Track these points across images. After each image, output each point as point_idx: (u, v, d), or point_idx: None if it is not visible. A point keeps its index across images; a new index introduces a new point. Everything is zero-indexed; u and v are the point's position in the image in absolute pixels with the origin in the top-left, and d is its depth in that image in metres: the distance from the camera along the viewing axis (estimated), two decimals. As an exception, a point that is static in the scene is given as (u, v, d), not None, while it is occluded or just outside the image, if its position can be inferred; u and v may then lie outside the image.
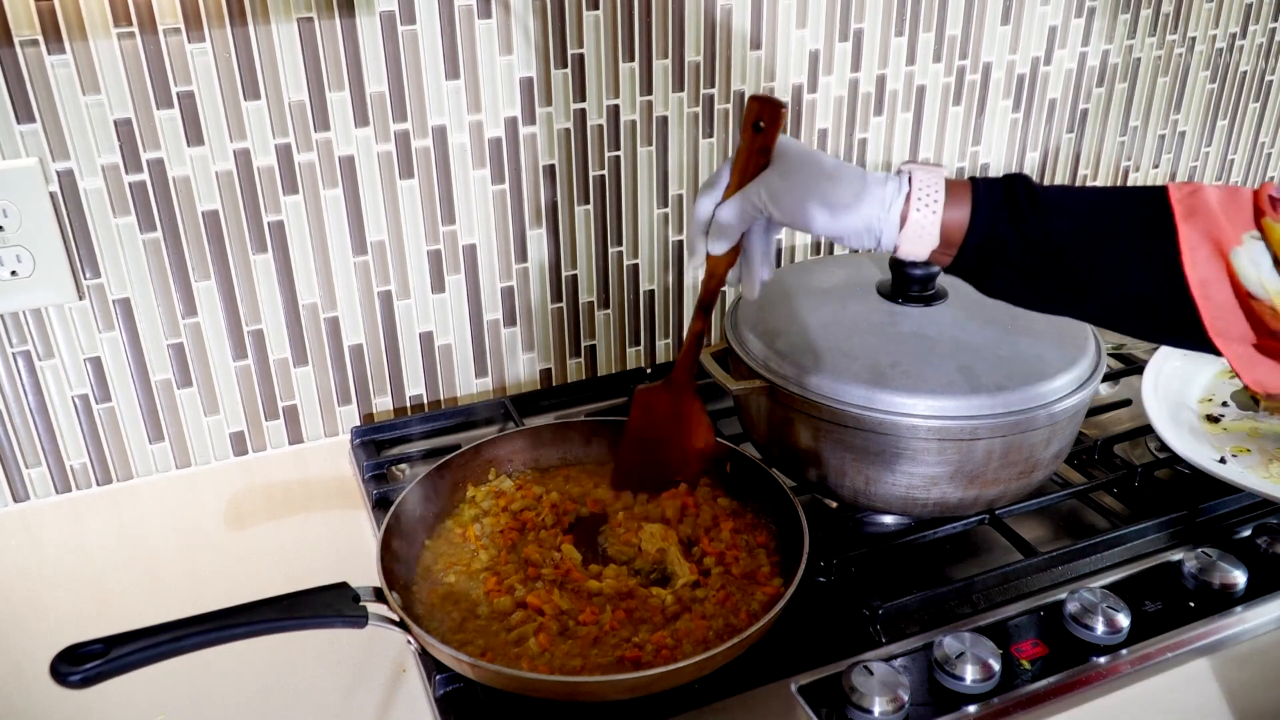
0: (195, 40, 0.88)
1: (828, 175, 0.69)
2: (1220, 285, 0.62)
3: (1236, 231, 0.62)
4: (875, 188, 0.68)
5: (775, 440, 0.89)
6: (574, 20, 1.00)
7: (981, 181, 0.68)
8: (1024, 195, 0.66)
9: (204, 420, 1.02)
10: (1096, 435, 1.02)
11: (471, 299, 1.09)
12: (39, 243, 0.88)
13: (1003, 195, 0.67)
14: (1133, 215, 0.65)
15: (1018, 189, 0.67)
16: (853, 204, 0.68)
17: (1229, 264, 0.61)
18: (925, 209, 0.67)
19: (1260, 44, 1.41)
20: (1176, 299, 0.63)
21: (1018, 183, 0.67)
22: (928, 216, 0.67)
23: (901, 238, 0.68)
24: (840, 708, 0.71)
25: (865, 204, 0.68)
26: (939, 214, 0.67)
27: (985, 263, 0.68)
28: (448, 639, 0.74)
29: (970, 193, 0.67)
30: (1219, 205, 0.62)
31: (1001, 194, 0.67)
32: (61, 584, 0.88)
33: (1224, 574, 0.82)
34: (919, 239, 0.68)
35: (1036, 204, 0.66)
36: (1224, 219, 0.62)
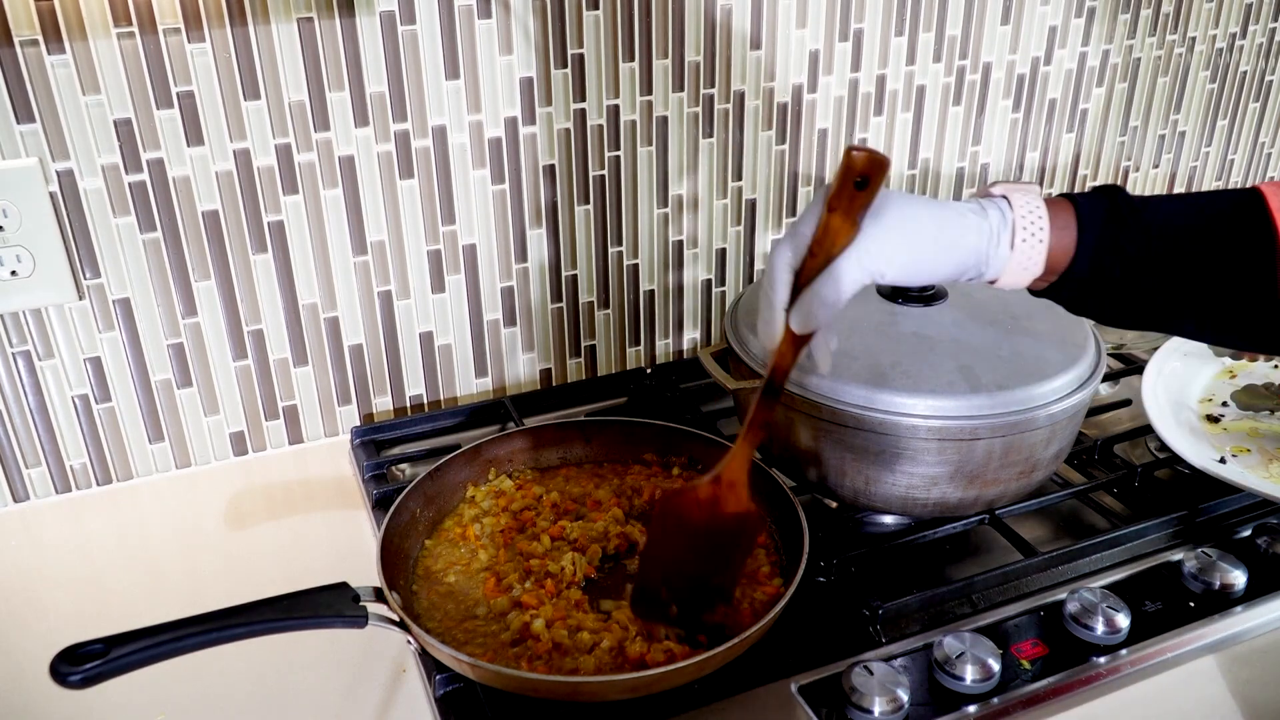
0: (195, 40, 0.88)
1: (932, 223, 0.63)
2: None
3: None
4: (977, 220, 0.64)
5: (775, 440, 0.89)
6: (574, 20, 1.00)
7: (1083, 203, 0.65)
8: (1127, 215, 0.63)
9: (204, 420, 1.02)
10: (1096, 435, 1.02)
11: (471, 299, 1.09)
12: (39, 243, 0.88)
13: (1104, 218, 0.64)
14: (1232, 225, 0.62)
15: (1121, 209, 0.64)
16: (961, 245, 0.63)
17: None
18: (1032, 239, 0.63)
19: (1260, 44, 1.41)
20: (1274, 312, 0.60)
21: (1121, 202, 0.64)
22: (1034, 247, 0.63)
23: (1005, 271, 0.64)
24: (840, 708, 0.71)
25: (971, 242, 0.64)
26: (1045, 243, 0.64)
27: (1084, 289, 0.65)
28: (448, 639, 0.74)
29: (1074, 216, 0.64)
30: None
31: (1103, 217, 0.64)
32: (61, 584, 0.88)
33: (1224, 574, 0.82)
34: (1023, 271, 0.64)
35: (1137, 224, 0.63)
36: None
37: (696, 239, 1.17)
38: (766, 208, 1.19)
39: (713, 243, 1.18)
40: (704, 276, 1.19)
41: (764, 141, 1.15)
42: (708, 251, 1.18)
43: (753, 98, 1.12)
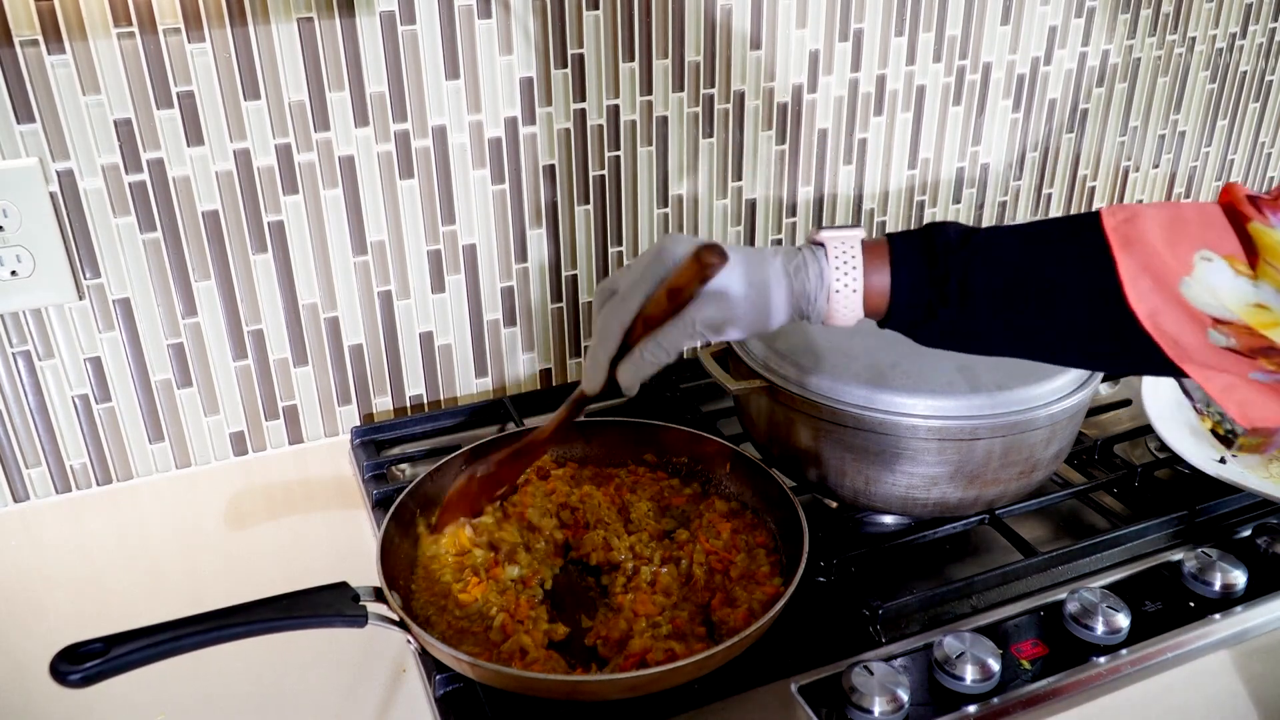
0: (195, 40, 0.88)
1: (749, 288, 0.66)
2: (1171, 313, 0.58)
3: (1183, 259, 0.58)
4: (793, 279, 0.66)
5: (775, 440, 0.89)
6: (574, 20, 1.00)
7: (900, 240, 0.66)
8: (943, 250, 0.64)
9: (204, 420, 1.02)
10: (1096, 435, 1.02)
11: (471, 299, 1.09)
12: (39, 243, 0.88)
13: (920, 254, 0.64)
14: (1066, 250, 0.62)
15: (936, 244, 0.64)
16: (780, 302, 0.66)
17: (1179, 296, 0.58)
18: (845, 289, 0.65)
19: (1260, 44, 1.41)
20: (1131, 332, 0.59)
21: (937, 237, 0.64)
22: (849, 297, 0.65)
23: (829, 317, 0.67)
24: (840, 708, 0.71)
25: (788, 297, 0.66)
26: (859, 287, 0.65)
27: (915, 324, 0.66)
28: (448, 639, 0.74)
29: (888, 260, 0.65)
30: (1160, 233, 0.58)
31: (919, 253, 0.64)
32: (61, 584, 0.88)
33: (1224, 574, 0.82)
34: (846, 315, 0.66)
35: (959, 256, 0.63)
36: (1166, 250, 0.58)
37: (696, 239, 1.17)
38: (766, 208, 1.19)
39: (713, 243, 1.18)
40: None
41: (764, 141, 1.15)
42: (708, 251, 1.18)
43: (753, 98, 1.12)
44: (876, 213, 1.25)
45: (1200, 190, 1.49)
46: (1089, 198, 1.40)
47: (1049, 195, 1.36)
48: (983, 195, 1.31)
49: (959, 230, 0.65)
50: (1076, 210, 1.40)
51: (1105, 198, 1.41)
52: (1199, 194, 1.49)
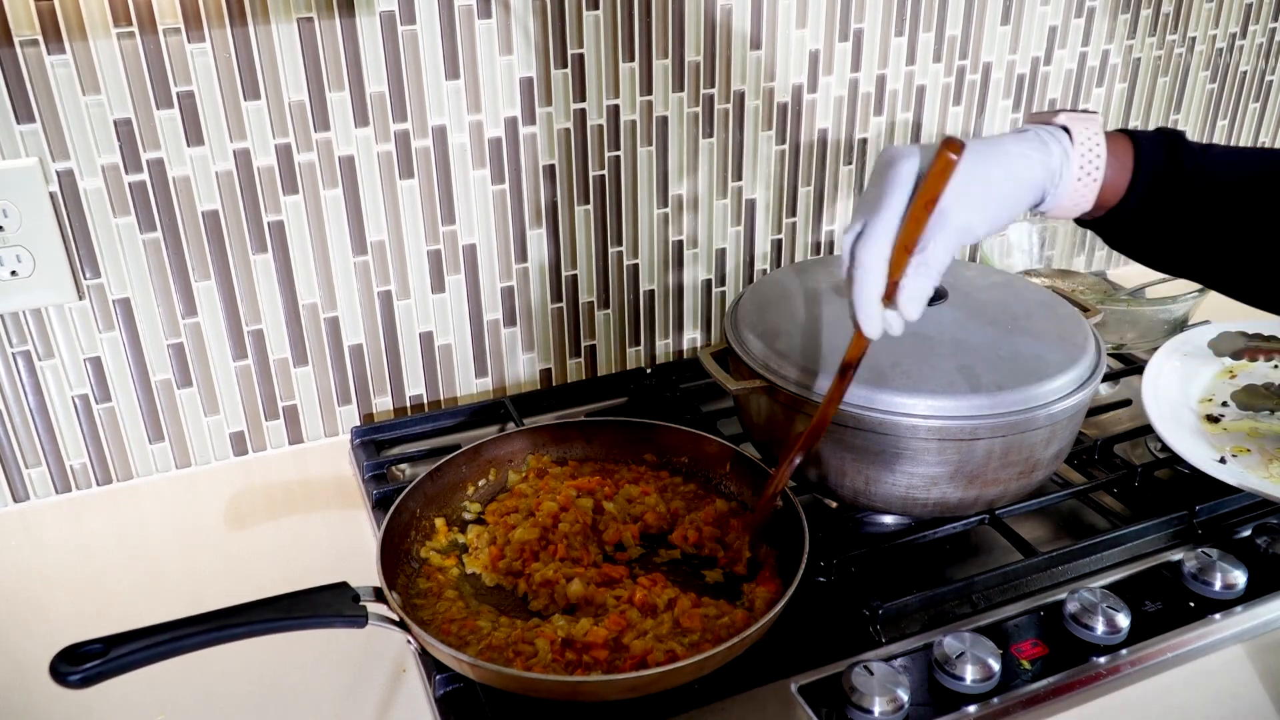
0: (195, 40, 0.88)
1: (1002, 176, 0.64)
2: None
3: None
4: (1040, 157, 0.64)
5: (775, 440, 0.89)
6: (574, 20, 1.00)
7: (1144, 143, 0.64)
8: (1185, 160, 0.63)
9: (204, 420, 1.02)
10: (1096, 435, 1.02)
11: (471, 299, 1.09)
12: (39, 243, 0.88)
13: (1162, 161, 0.63)
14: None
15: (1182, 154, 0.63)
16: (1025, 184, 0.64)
17: None
18: (1087, 177, 0.64)
19: (1260, 44, 1.41)
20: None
21: (1180, 143, 0.63)
22: (1089, 186, 0.64)
23: (1058, 205, 0.65)
24: (840, 708, 0.71)
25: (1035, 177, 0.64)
26: (1099, 181, 0.64)
27: (1129, 228, 0.65)
28: (447, 639, 0.74)
29: (1132, 155, 0.64)
30: None
31: (1162, 159, 0.63)
32: (61, 584, 0.88)
33: (1224, 574, 0.82)
34: (1074, 205, 0.65)
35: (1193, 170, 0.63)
36: None
37: (696, 239, 1.17)
38: (766, 208, 1.19)
39: (713, 243, 1.18)
40: (704, 276, 1.19)
41: (764, 141, 1.15)
42: (708, 251, 1.18)
43: (753, 98, 1.12)
44: (876, 213, 1.25)
45: (1200, 190, 1.49)
46: (1089, 198, 1.40)
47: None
48: (983, 195, 1.31)
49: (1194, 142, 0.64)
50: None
51: (1105, 198, 1.41)
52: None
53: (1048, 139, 0.65)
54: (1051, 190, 0.64)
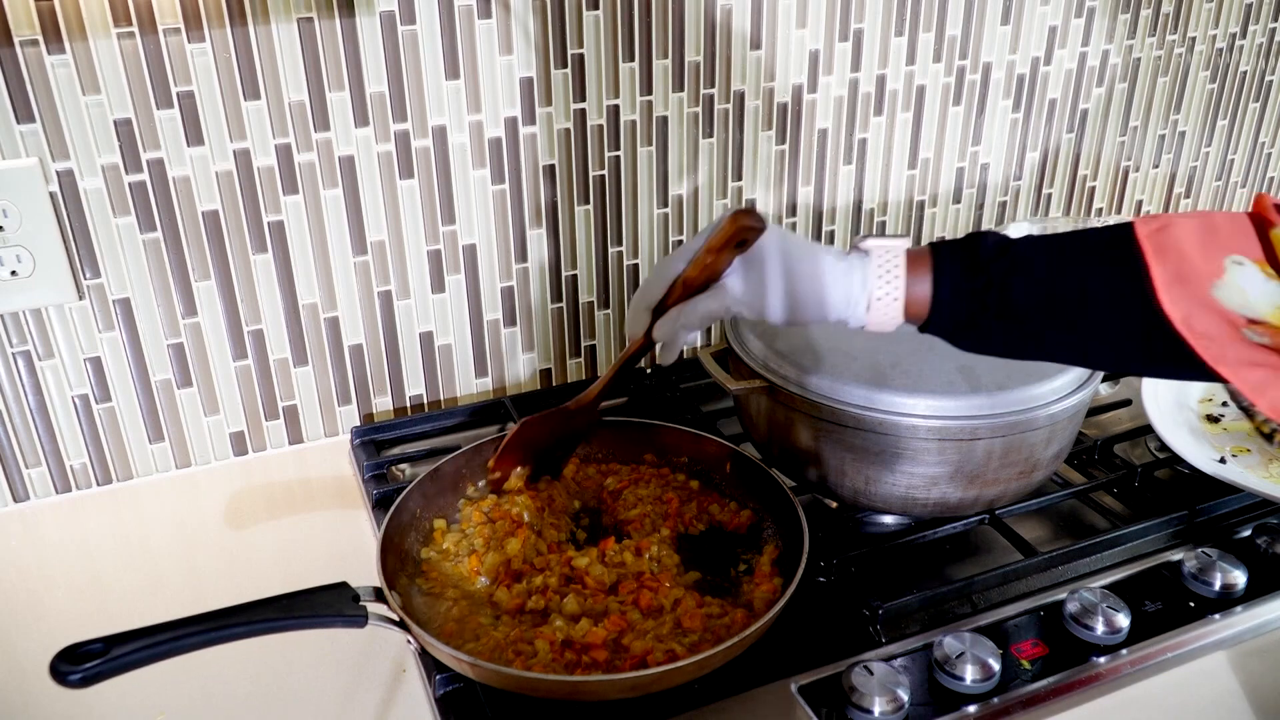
0: (195, 40, 0.88)
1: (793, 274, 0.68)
2: (1204, 316, 0.60)
3: (1214, 264, 0.60)
4: (838, 276, 0.68)
5: (775, 440, 0.89)
6: (574, 20, 1.00)
7: (944, 251, 0.67)
8: (984, 261, 0.65)
9: (204, 420, 1.02)
10: (1096, 435, 1.02)
11: (471, 299, 1.09)
12: (39, 243, 0.88)
13: (962, 265, 0.66)
14: (1101, 260, 0.63)
15: (978, 254, 0.65)
16: (818, 301, 0.68)
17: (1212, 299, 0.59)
18: (886, 297, 0.67)
19: (1260, 44, 1.41)
20: (1164, 336, 0.61)
21: (978, 248, 0.66)
22: (889, 305, 0.67)
23: (868, 319, 0.68)
24: (840, 708, 0.71)
25: (831, 298, 0.68)
26: (901, 296, 0.67)
27: (955, 330, 0.67)
28: (448, 639, 0.74)
29: (930, 266, 0.66)
30: (1192, 241, 0.60)
31: (961, 263, 0.66)
32: (61, 584, 0.88)
33: (1224, 574, 0.82)
34: (884, 319, 0.68)
35: (999, 266, 0.65)
36: (1198, 255, 0.60)
37: (696, 239, 1.17)
38: (766, 208, 1.19)
39: (713, 243, 1.18)
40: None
41: (764, 141, 1.15)
42: (708, 251, 1.18)
43: (753, 98, 1.12)
44: (876, 213, 1.25)
45: (1200, 190, 1.49)
46: (1089, 198, 1.40)
47: (1049, 195, 1.36)
48: (983, 195, 1.31)
49: (998, 240, 0.66)
50: (1077, 209, 1.40)
51: (1105, 198, 1.41)
52: (1199, 194, 1.49)
53: (853, 264, 0.68)
54: (853, 306, 0.68)
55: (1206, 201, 1.51)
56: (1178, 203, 1.48)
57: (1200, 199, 1.50)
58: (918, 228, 1.29)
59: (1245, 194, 1.53)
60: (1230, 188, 1.51)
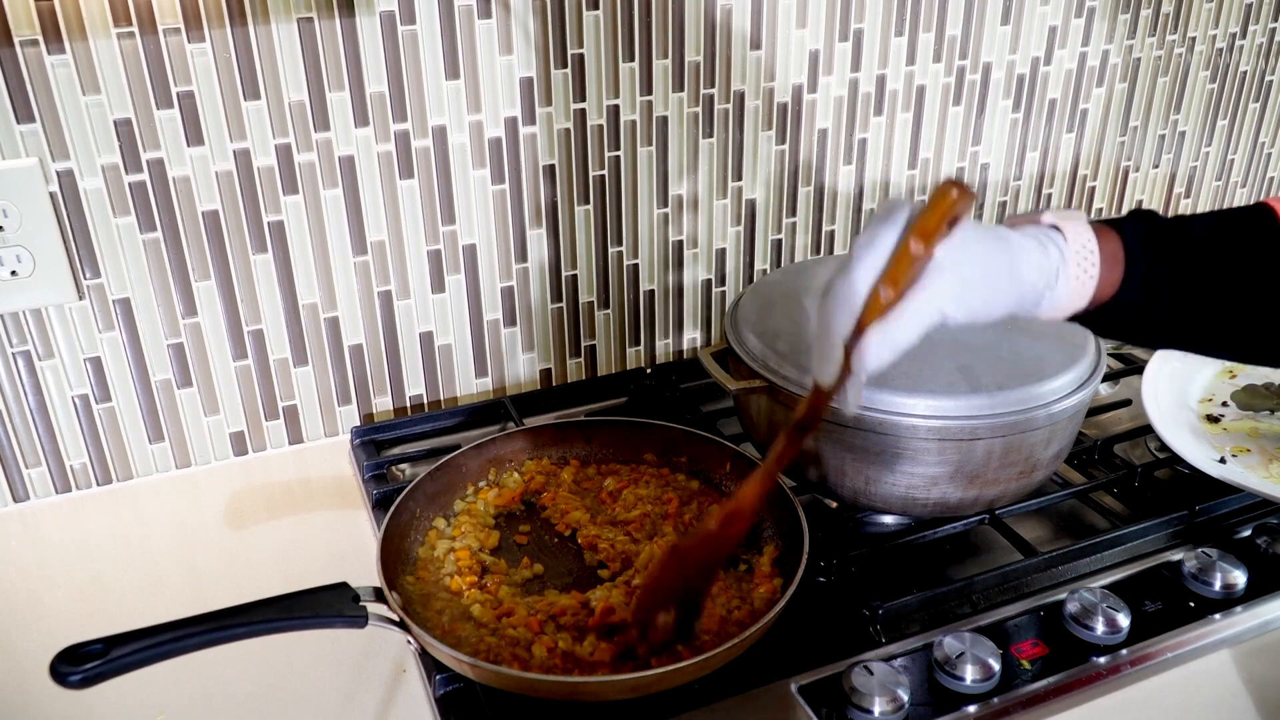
0: (195, 40, 0.88)
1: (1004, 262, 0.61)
2: None
3: None
4: (1038, 258, 0.62)
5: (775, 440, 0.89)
6: (574, 20, 1.00)
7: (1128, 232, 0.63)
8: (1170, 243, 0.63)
9: (204, 420, 1.02)
10: (1096, 435, 1.02)
11: (471, 299, 1.09)
12: (39, 243, 0.88)
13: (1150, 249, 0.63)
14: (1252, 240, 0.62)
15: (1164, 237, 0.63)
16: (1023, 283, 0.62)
17: None
18: (1084, 275, 0.62)
19: (1260, 44, 1.41)
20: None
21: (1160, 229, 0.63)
22: (1085, 284, 0.63)
23: (1054, 307, 0.63)
24: (840, 708, 0.71)
25: (1032, 279, 0.62)
26: (1096, 279, 0.63)
27: (1126, 319, 0.65)
28: (447, 639, 0.74)
29: (1121, 247, 0.63)
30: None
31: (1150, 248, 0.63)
32: (61, 584, 0.88)
33: (1224, 574, 0.82)
34: (1070, 305, 0.64)
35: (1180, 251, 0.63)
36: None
37: (696, 239, 1.17)
38: (766, 208, 1.19)
39: (713, 243, 1.18)
40: (704, 276, 1.19)
41: (764, 141, 1.15)
42: (708, 251, 1.18)
43: (753, 98, 1.12)
44: (877, 213, 1.25)
45: (1200, 190, 1.49)
46: (1089, 198, 1.40)
47: (1049, 195, 1.36)
48: (983, 195, 1.31)
49: (1173, 223, 0.64)
50: (1077, 209, 1.39)
51: (1105, 198, 1.41)
52: (1199, 194, 1.49)
53: (1045, 241, 0.63)
54: (1048, 291, 0.63)
55: (1206, 202, 1.51)
56: (1178, 203, 1.48)
57: (1200, 199, 1.50)
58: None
59: (1245, 194, 1.53)
60: (1230, 188, 1.51)
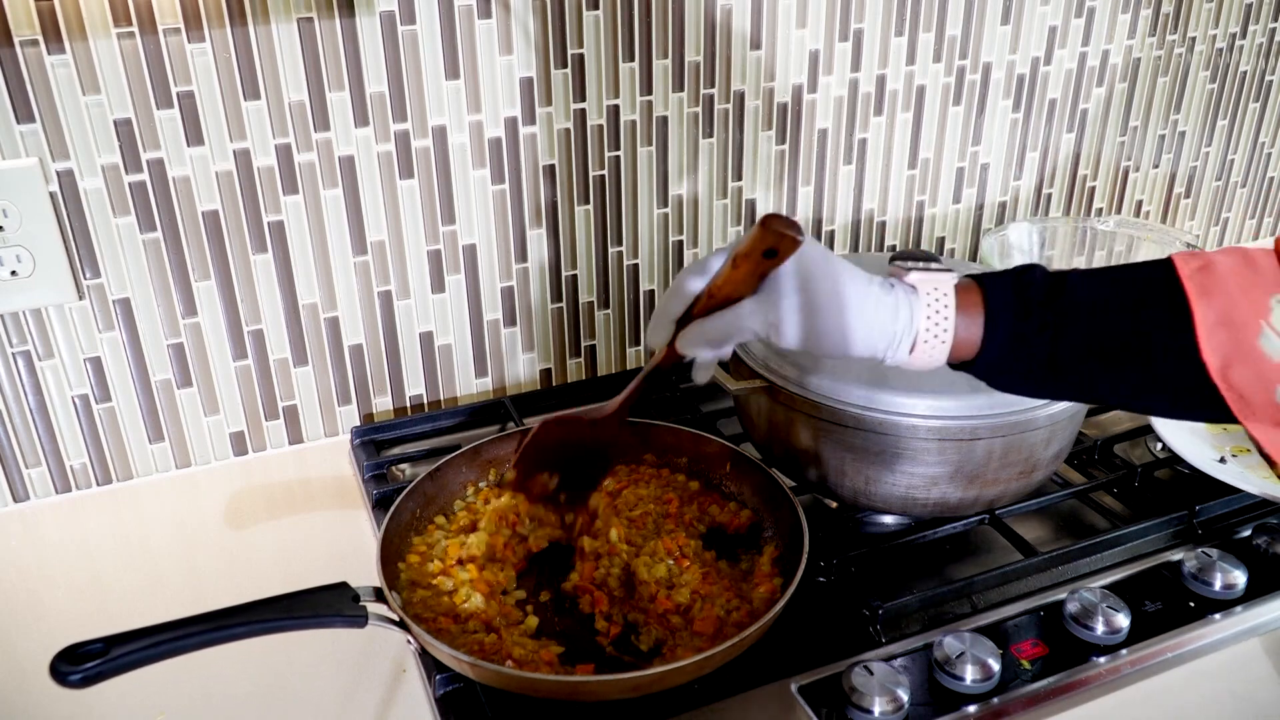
0: (195, 40, 0.88)
1: (836, 307, 0.62)
2: (1242, 367, 0.57)
3: (1258, 304, 0.57)
4: (883, 311, 0.62)
5: (775, 440, 0.89)
6: (574, 20, 1.00)
7: (992, 290, 0.63)
8: (1039, 303, 0.62)
9: (204, 420, 1.02)
10: (1096, 435, 1.02)
11: (471, 299, 1.09)
12: (39, 243, 0.88)
13: (1013, 308, 0.62)
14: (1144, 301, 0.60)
15: (1029, 296, 0.62)
16: (861, 337, 0.62)
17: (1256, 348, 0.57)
18: (934, 339, 0.62)
19: (1260, 44, 1.41)
20: (1200, 384, 0.58)
21: (1028, 288, 0.62)
22: (936, 348, 0.62)
23: (910, 361, 0.63)
24: (840, 708, 0.71)
25: (870, 329, 0.62)
26: (949, 340, 0.62)
27: (997, 374, 0.64)
28: (447, 638, 0.74)
29: (982, 309, 0.62)
30: (1234, 279, 0.58)
31: (1012, 307, 0.62)
32: (61, 584, 0.88)
33: (1224, 574, 0.82)
34: (926, 360, 0.63)
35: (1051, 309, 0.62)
36: (1240, 295, 0.58)
37: (696, 239, 1.17)
38: (766, 208, 1.19)
39: (713, 243, 1.18)
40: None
41: (764, 141, 1.15)
42: (707, 251, 1.18)
43: (753, 98, 1.12)
44: (876, 213, 1.25)
45: (1200, 190, 1.49)
46: (1089, 198, 1.40)
47: (1049, 195, 1.36)
48: (983, 195, 1.31)
49: (1047, 280, 0.63)
50: (1077, 209, 1.40)
51: (1105, 198, 1.41)
52: (1198, 194, 1.49)
53: (899, 301, 0.63)
54: (892, 352, 0.63)
55: (1206, 202, 1.51)
56: (1177, 203, 1.48)
57: (1200, 199, 1.50)
58: (918, 228, 1.29)
59: (1245, 194, 1.54)
60: (1230, 188, 1.52)
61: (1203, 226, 1.53)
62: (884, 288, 0.63)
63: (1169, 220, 1.49)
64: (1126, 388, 0.63)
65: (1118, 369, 0.62)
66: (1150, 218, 1.47)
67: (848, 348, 0.62)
